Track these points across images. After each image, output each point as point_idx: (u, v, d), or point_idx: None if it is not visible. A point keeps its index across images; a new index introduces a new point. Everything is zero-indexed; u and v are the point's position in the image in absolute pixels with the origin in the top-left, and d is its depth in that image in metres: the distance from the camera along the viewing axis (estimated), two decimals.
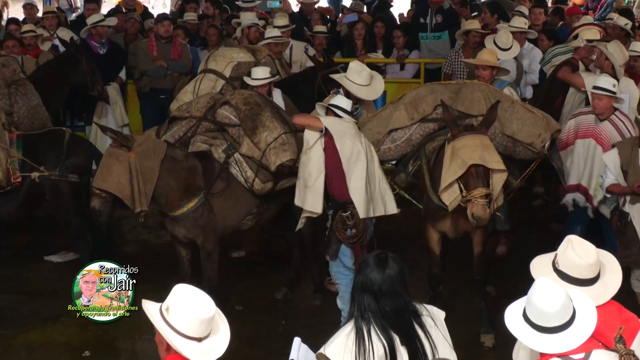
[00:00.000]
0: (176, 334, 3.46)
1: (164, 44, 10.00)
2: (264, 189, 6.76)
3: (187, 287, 3.54)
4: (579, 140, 7.23)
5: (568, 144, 7.32)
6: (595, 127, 7.14)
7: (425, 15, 11.20)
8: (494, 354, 6.41)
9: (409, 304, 3.78)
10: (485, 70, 7.67)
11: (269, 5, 13.27)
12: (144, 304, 3.62)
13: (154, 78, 9.97)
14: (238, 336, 6.56)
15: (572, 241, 3.92)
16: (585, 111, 7.35)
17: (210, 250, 6.69)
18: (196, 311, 3.45)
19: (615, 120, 7.10)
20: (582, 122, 7.25)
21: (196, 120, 6.88)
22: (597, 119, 7.15)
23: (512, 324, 3.58)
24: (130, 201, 6.20)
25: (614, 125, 7.07)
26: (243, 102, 6.77)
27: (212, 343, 3.50)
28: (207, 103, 6.93)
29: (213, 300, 3.55)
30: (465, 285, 7.17)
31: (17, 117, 7.85)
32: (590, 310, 3.55)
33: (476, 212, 5.86)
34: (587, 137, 7.18)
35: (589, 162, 7.18)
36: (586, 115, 7.26)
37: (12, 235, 8.42)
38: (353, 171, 6.16)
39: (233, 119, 6.77)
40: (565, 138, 7.32)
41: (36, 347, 6.77)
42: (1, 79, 7.98)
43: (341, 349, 3.70)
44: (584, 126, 7.22)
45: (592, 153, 7.14)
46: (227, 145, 6.77)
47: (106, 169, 6.18)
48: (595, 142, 7.12)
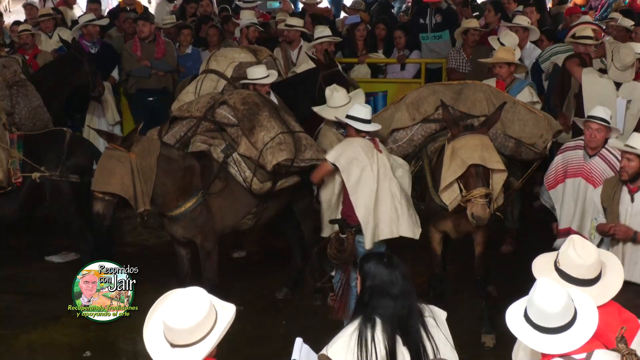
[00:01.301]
0: (151, 333, 3.47)
1: (147, 44, 10.00)
2: (262, 188, 6.75)
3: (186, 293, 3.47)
4: (569, 179, 6.57)
5: (557, 182, 6.65)
6: (585, 165, 6.46)
7: (425, 16, 11.22)
8: (495, 354, 6.40)
9: (417, 304, 3.79)
10: (503, 68, 7.80)
11: (269, 6, 13.26)
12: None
13: (140, 79, 9.96)
14: (239, 336, 6.64)
15: (574, 241, 3.92)
16: (572, 146, 6.63)
17: (210, 250, 6.69)
18: (172, 319, 3.38)
19: (606, 155, 6.39)
20: (570, 159, 6.56)
21: (196, 120, 6.89)
22: (586, 154, 6.46)
23: (513, 325, 3.58)
24: (134, 201, 6.20)
25: (605, 160, 6.38)
26: (241, 102, 6.78)
27: (184, 354, 3.41)
28: (207, 103, 6.94)
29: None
30: (466, 286, 7.16)
31: (19, 118, 7.86)
32: (592, 310, 3.55)
33: (476, 212, 5.87)
34: (577, 176, 6.50)
35: (580, 203, 6.50)
36: (574, 151, 6.57)
37: (13, 235, 8.43)
38: (359, 197, 6.17)
39: (231, 119, 6.77)
40: (554, 177, 6.68)
41: (37, 347, 6.77)
42: (2, 80, 7.99)
43: (343, 349, 3.70)
44: (573, 164, 6.54)
45: (583, 193, 6.46)
46: (225, 145, 6.77)
47: (107, 171, 6.15)
48: (585, 181, 6.45)
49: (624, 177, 5.78)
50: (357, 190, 6.17)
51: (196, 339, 3.41)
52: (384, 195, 6.21)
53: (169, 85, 9.99)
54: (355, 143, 6.26)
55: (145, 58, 9.91)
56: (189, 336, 3.39)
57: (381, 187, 6.20)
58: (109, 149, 6.28)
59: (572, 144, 6.66)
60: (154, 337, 3.49)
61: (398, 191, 6.27)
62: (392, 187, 6.25)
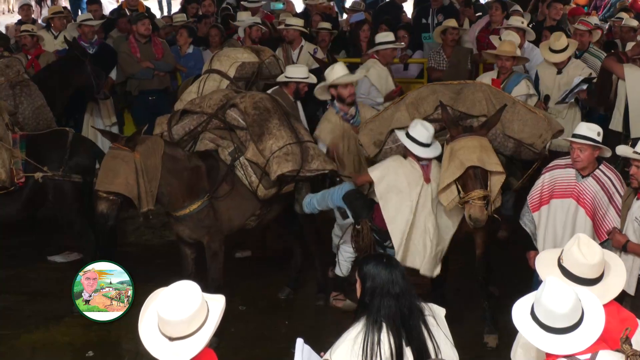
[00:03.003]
0: (146, 330, 3.50)
1: (144, 44, 9.97)
2: (267, 195, 6.73)
3: (177, 286, 3.51)
4: (556, 200, 6.01)
5: (542, 203, 6.10)
6: (576, 185, 5.92)
7: (427, 16, 11.23)
8: (497, 354, 6.38)
9: (417, 303, 3.79)
10: (508, 61, 8.07)
11: (272, 7, 13.28)
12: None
13: (142, 80, 9.94)
14: (241, 336, 6.64)
15: (580, 239, 3.92)
16: (562, 164, 6.07)
17: (216, 250, 6.67)
18: (168, 312, 3.41)
19: (600, 176, 5.88)
20: (559, 178, 6.03)
21: (207, 117, 6.86)
22: (578, 174, 5.93)
23: (520, 323, 3.57)
24: (138, 201, 6.19)
25: (598, 182, 5.88)
26: (252, 107, 6.70)
27: (183, 346, 3.44)
28: (220, 101, 6.88)
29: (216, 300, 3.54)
30: (468, 285, 7.15)
31: (22, 118, 7.86)
32: (599, 312, 3.55)
33: (473, 214, 5.86)
34: (566, 197, 5.96)
35: (569, 227, 5.93)
36: (564, 170, 6.02)
37: (16, 235, 8.41)
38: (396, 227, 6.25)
39: (241, 122, 6.73)
40: (539, 197, 6.12)
41: (39, 347, 6.77)
42: (5, 80, 7.99)
43: (347, 353, 3.69)
44: (562, 183, 6.00)
45: (573, 216, 5.94)
46: (234, 148, 6.73)
47: (112, 171, 6.13)
48: (576, 203, 5.92)
49: (633, 184, 5.58)
50: (394, 220, 6.24)
51: (194, 329, 3.45)
52: (417, 228, 6.26)
53: (169, 85, 10.00)
54: (400, 169, 6.29)
55: (144, 59, 9.89)
56: (187, 327, 3.43)
57: (417, 219, 6.25)
58: (113, 148, 6.27)
59: (562, 162, 6.09)
60: (150, 334, 3.52)
61: (432, 227, 6.27)
62: (427, 222, 6.26)
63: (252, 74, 8.03)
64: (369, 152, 6.82)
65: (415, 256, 6.27)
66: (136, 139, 6.22)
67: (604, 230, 5.83)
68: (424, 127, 6.25)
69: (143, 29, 9.96)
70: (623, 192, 5.86)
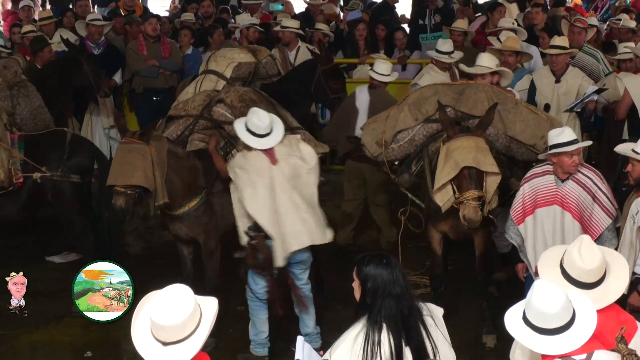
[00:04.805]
0: (140, 335, 3.48)
1: (153, 44, 10.03)
2: None
3: (169, 290, 3.48)
4: (541, 209, 5.89)
5: (526, 214, 5.95)
6: (558, 191, 5.84)
7: (424, 17, 11.24)
8: (496, 354, 6.40)
9: (415, 303, 3.81)
10: (511, 57, 8.21)
11: (271, 8, 13.30)
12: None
13: (147, 78, 9.97)
14: (240, 337, 6.65)
15: (583, 241, 3.91)
16: (540, 172, 5.96)
17: (213, 249, 6.69)
18: (161, 317, 3.39)
19: (579, 177, 5.82)
20: (540, 186, 5.91)
21: (193, 119, 6.88)
22: (557, 179, 5.86)
23: (512, 327, 3.59)
24: (155, 194, 6.18)
25: (579, 183, 5.82)
26: (239, 99, 6.78)
27: (177, 350, 3.42)
28: (203, 101, 6.92)
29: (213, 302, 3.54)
30: (467, 286, 7.16)
31: (20, 119, 7.87)
32: (590, 311, 3.56)
33: (467, 215, 5.86)
34: (551, 204, 5.85)
35: (558, 234, 5.83)
36: (543, 177, 5.92)
37: (15, 235, 8.42)
38: (260, 217, 6.02)
39: (229, 117, 6.76)
40: (522, 209, 5.97)
41: (39, 347, 6.78)
42: (3, 81, 8.00)
43: (347, 353, 3.71)
44: (544, 191, 5.88)
45: (560, 222, 5.84)
46: (224, 143, 6.76)
47: (129, 164, 6.09)
48: (561, 208, 5.83)
49: (630, 182, 5.62)
50: (260, 213, 6.01)
51: (188, 333, 3.42)
52: (285, 208, 6.05)
53: (175, 85, 10.02)
54: (246, 163, 6.09)
55: (151, 57, 9.93)
56: (181, 331, 3.41)
57: (281, 201, 6.04)
58: (124, 143, 6.22)
59: (540, 170, 5.98)
60: (144, 340, 3.48)
61: (300, 201, 6.11)
62: (293, 199, 6.09)
63: (248, 74, 8.06)
64: (371, 152, 6.84)
65: (300, 236, 6.07)
66: (150, 132, 6.23)
67: (593, 230, 5.78)
68: (258, 119, 6.09)
69: (150, 29, 10.06)
70: (605, 188, 5.85)
